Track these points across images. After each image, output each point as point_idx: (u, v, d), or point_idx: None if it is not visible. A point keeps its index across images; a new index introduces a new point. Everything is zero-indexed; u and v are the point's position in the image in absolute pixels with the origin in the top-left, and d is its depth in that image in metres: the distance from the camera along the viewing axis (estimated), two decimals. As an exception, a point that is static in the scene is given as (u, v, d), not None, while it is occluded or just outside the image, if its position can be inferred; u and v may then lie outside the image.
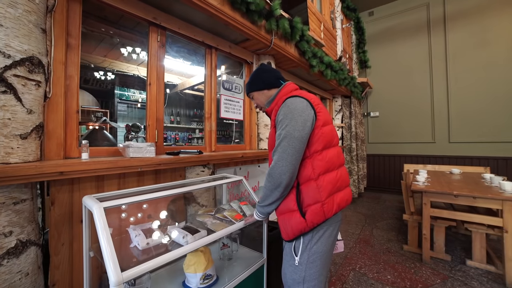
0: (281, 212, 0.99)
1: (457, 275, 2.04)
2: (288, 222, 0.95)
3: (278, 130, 0.92)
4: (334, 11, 4.13)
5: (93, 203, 0.86)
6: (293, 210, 0.94)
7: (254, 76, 1.13)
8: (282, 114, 0.92)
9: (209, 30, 1.80)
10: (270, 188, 0.93)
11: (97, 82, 3.50)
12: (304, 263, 0.94)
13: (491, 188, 2.13)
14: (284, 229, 0.97)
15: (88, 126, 1.90)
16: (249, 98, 1.20)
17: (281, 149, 0.89)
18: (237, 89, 2.30)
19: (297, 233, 0.94)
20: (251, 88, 1.14)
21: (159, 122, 1.51)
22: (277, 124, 0.94)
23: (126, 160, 1.11)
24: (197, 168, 1.59)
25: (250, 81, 1.14)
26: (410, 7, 4.79)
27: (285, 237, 0.99)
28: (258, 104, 1.15)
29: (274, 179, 0.90)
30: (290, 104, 0.93)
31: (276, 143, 0.91)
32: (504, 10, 3.95)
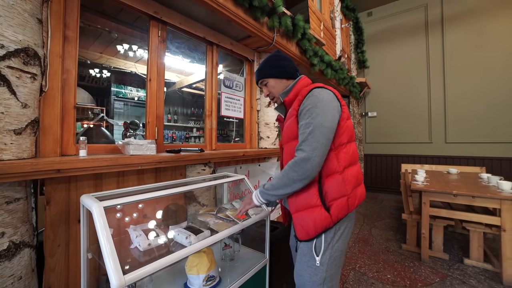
0: (299, 209, 0.92)
1: (456, 274, 2.05)
2: (310, 219, 0.88)
3: (305, 119, 0.85)
4: (333, 11, 4.13)
5: (92, 202, 0.82)
6: (316, 205, 0.88)
7: (273, 62, 1.03)
8: (310, 103, 0.86)
9: (210, 26, 1.76)
10: (293, 179, 0.84)
11: (93, 79, 3.42)
12: (326, 263, 0.89)
13: (489, 188, 2.15)
14: (304, 227, 0.90)
15: (83, 124, 1.84)
16: (260, 85, 1.08)
17: (314, 138, 0.82)
18: (238, 87, 2.27)
19: (320, 230, 0.88)
20: (269, 74, 1.03)
21: (159, 119, 1.47)
22: (303, 114, 0.87)
23: (127, 158, 1.07)
24: (198, 166, 1.56)
25: (268, 66, 1.04)
26: (408, 8, 4.82)
27: (303, 236, 0.91)
28: (272, 92, 1.05)
29: (303, 170, 0.82)
30: (318, 94, 0.87)
31: (305, 133, 0.84)
32: (499, 13, 4.01)
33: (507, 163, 3.92)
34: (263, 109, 2.49)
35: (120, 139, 2.19)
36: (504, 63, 3.96)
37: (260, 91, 2.47)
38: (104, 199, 0.89)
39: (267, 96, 1.08)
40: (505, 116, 3.94)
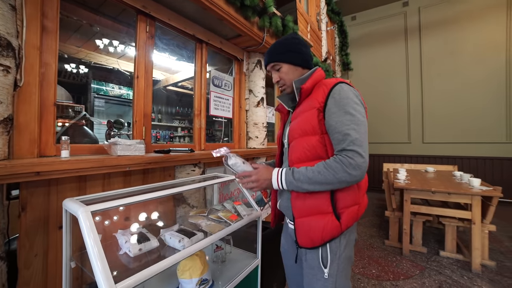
0: (306, 214, 0.83)
1: (433, 265, 2.19)
2: (318, 226, 0.80)
3: (343, 116, 0.75)
4: (320, 13, 4.22)
5: (78, 207, 0.77)
6: (326, 212, 0.80)
7: (291, 46, 0.90)
8: (346, 98, 0.76)
9: (200, 24, 1.72)
10: (341, 180, 0.73)
11: (70, 74, 3.21)
12: (334, 274, 0.82)
13: (462, 185, 2.31)
14: (309, 235, 0.82)
15: (63, 122, 1.72)
16: (270, 69, 0.94)
17: (365, 140, 0.74)
18: (226, 86, 2.24)
19: (326, 240, 0.81)
20: (285, 58, 0.89)
21: (147, 118, 1.41)
22: (336, 108, 0.76)
23: (114, 159, 1.02)
24: (188, 167, 1.52)
25: (284, 49, 0.90)
26: (389, 14, 5.06)
27: (307, 243, 0.83)
28: (283, 79, 0.91)
29: (357, 175, 0.72)
30: (347, 90, 0.79)
31: (351, 129, 0.73)
32: (467, 24, 4.37)
33: (475, 161, 4.27)
34: (252, 109, 2.48)
35: (102, 139, 2.08)
36: (473, 70, 4.30)
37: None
38: (90, 203, 0.83)
39: (277, 82, 0.94)
40: (474, 119, 4.30)
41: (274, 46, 0.93)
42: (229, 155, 0.93)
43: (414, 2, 4.78)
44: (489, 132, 4.23)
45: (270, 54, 0.93)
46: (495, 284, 1.98)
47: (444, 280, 2.00)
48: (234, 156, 0.93)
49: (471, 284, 1.97)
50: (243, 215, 1.33)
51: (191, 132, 5.09)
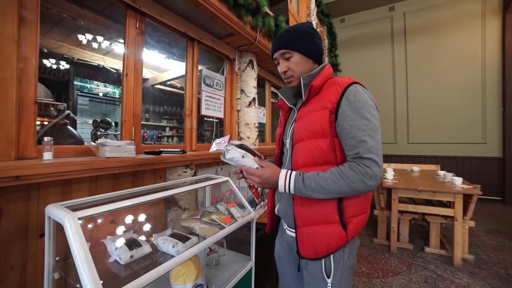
0: (311, 223, 0.77)
1: (419, 261, 2.28)
2: (323, 237, 0.75)
3: (359, 120, 0.70)
4: (310, 15, 4.26)
5: (64, 213, 0.71)
6: (333, 222, 0.75)
7: (306, 35, 0.81)
8: (362, 101, 0.72)
9: (192, 21, 1.68)
10: (356, 190, 0.68)
11: (50, 70, 3.04)
12: (337, 284, 0.78)
13: (445, 183, 2.42)
14: (313, 245, 0.77)
15: (43, 122, 1.61)
16: (279, 56, 0.84)
17: (378, 144, 0.70)
18: (218, 86, 2.20)
19: (332, 251, 0.76)
20: (298, 47, 0.80)
21: (136, 117, 1.35)
22: (351, 110, 0.71)
23: (102, 161, 0.96)
24: (179, 168, 1.47)
25: (298, 37, 0.80)
26: (376, 18, 5.20)
27: (310, 254, 0.78)
28: (292, 70, 0.82)
29: (372, 185, 0.67)
30: (362, 92, 0.75)
31: (363, 133, 0.69)
32: (448, 31, 4.61)
33: (455, 161, 4.50)
34: (243, 109, 2.46)
35: (87, 139, 1.98)
36: (453, 75, 4.54)
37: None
38: (77, 208, 0.78)
39: (284, 73, 0.84)
40: (454, 121, 4.54)
41: (287, 32, 0.83)
42: (226, 149, 0.82)
43: (400, 7, 4.96)
44: (468, 133, 4.48)
45: (281, 40, 0.82)
46: (474, 276, 2.09)
47: (429, 275, 2.08)
48: (233, 149, 0.82)
49: (453, 277, 2.07)
50: (237, 217, 1.31)
51: (180, 132, 5.00)
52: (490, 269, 2.21)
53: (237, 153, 0.80)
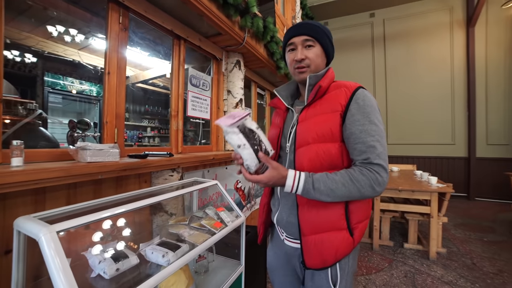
0: (319, 230, 0.74)
1: (399, 257, 2.40)
2: (332, 244, 0.73)
3: (369, 125, 0.70)
4: (295, 17, 4.32)
5: (39, 227, 0.63)
6: (341, 228, 0.73)
7: (328, 33, 0.81)
8: (370, 106, 0.72)
9: (179, 19, 1.61)
10: (364, 195, 0.68)
11: (14, 64, 2.77)
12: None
13: (422, 183, 2.57)
14: (322, 254, 0.73)
15: (9, 121, 1.45)
16: (303, 40, 0.78)
17: (385, 150, 0.70)
18: (204, 86, 2.15)
19: (339, 259, 0.74)
20: (323, 40, 0.78)
21: (119, 119, 1.27)
22: (360, 115, 0.71)
23: (83, 166, 0.88)
24: (165, 172, 1.41)
25: (324, 32, 0.79)
26: (358, 23, 5.42)
27: (318, 264, 0.74)
28: (311, 60, 0.78)
29: (379, 191, 0.67)
30: (370, 97, 0.74)
31: (376, 141, 0.69)
32: (422, 39, 4.93)
33: (429, 161, 4.83)
34: (230, 110, 2.42)
35: (60, 141, 1.83)
36: (426, 79, 4.87)
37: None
38: (54, 220, 0.70)
39: (300, 61, 0.78)
40: (429, 123, 4.88)
41: (312, 23, 0.80)
42: (225, 130, 0.68)
43: (380, 15, 5.21)
44: (439, 135, 4.84)
45: (306, 28, 0.78)
46: (446, 268, 2.25)
47: (408, 269, 2.20)
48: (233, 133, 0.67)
49: (429, 270, 2.21)
50: (227, 222, 1.28)
51: (162, 132, 4.82)
52: (459, 261, 2.39)
53: (235, 139, 0.68)
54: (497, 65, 4.47)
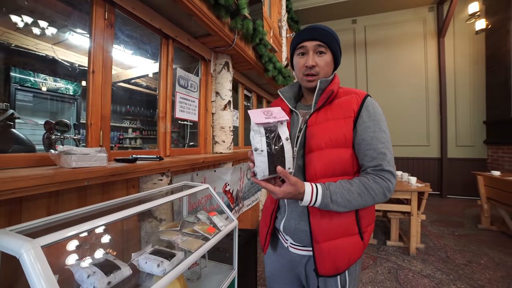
0: (333, 237, 0.73)
1: (382, 255, 2.51)
2: (345, 250, 0.73)
3: (378, 132, 0.72)
4: (281, 20, 4.38)
5: (21, 242, 0.54)
6: (354, 233, 0.74)
7: (339, 42, 0.82)
8: (379, 113, 0.75)
9: (168, 18, 1.56)
10: (376, 202, 0.71)
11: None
12: None
13: (402, 183, 2.71)
14: (336, 261, 0.73)
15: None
16: (316, 46, 0.77)
17: (393, 156, 0.74)
18: (192, 87, 2.10)
19: (352, 263, 0.75)
20: (334, 48, 0.79)
21: (105, 120, 1.20)
22: (370, 122, 0.73)
23: (68, 173, 0.81)
24: (154, 176, 1.35)
25: (335, 40, 0.80)
26: (341, 29, 5.62)
27: (331, 271, 0.73)
28: (321, 68, 0.78)
29: (388, 197, 0.71)
30: (377, 105, 0.77)
31: (385, 148, 0.71)
32: (400, 46, 5.25)
33: (407, 161, 5.13)
34: (218, 112, 2.39)
35: (35, 143, 1.69)
36: (404, 85, 5.19)
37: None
38: (35, 234, 0.64)
39: (311, 67, 0.77)
40: (407, 125, 5.20)
41: (326, 29, 0.79)
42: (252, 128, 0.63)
43: (361, 21, 5.45)
44: (416, 137, 5.17)
45: (321, 33, 0.77)
46: (425, 262, 2.39)
47: (392, 266, 2.31)
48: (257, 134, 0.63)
49: (410, 265, 2.33)
50: (220, 227, 1.25)
51: (144, 134, 4.64)
52: (435, 254, 2.56)
53: (256, 140, 0.63)
54: (464, 74, 4.89)
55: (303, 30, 0.81)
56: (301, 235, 0.79)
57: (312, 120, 0.78)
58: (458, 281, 2.12)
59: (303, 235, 0.78)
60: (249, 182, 3.35)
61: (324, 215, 0.73)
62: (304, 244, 0.80)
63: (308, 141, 0.75)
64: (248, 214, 3.10)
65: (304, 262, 0.82)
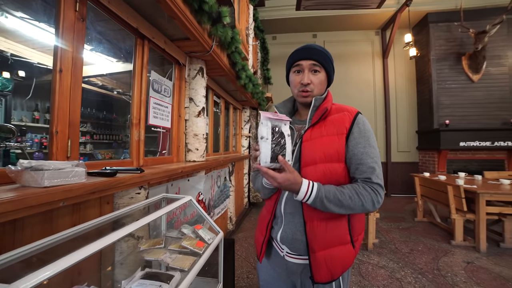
0: (329, 246, 0.78)
1: (345, 252, 2.76)
2: (339, 258, 0.77)
3: (368, 147, 0.78)
4: (248, 28, 4.47)
5: None
6: (346, 242, 0.79)
7: (332, 61, 0.89)
8: (369, 130, 0.82)
9: (146, 17, 1.45)
10: (363, 209, 0.75)
11: None
12: None
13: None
14: (330, 269, 0.77)
15: None
16: (311, 66, 0.84)
17: (381, 170, 0.79)
18: (166, 92, 1.97)
19: (345, 270, 0.80)
20: (328, 67, 0.86)
21: (73, 128, 1.03)
22: (360, 138, 0.79)
23: (42, 194, 0.67)
24: (132, 190, 1.22)
25: (329, 59, 0.86)
26: (302, 41, 6.02)
27: (327, 278, 0.78)
28: (315, 85, 0.84)
29: (377, 207, 0.76)
30: (367, 122, 0.84)
31: (375, 163, 0.77)
32: (354, 62, 5.92)
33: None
34: (192, 119, 2.30)
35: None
36: (358, 96, 5.86)
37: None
38: None
39: (306, 85, 0.83)
40: None
41: (321, 49, 0.85)
42: (260, 121, 0.74)
43: (321, 36, 5.96)
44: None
45: (316, 53, 0.83)
46: (380, 255, 2.72)
47: (354, 261, 2.55)
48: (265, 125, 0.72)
49: (369, 260, 2.62)
50: (207, 240, 1.21)
51: (95, 138, 4.11)
52: (387, 247, 2.94)
53: (263, 130, 0.72)
54: (402, 91, 5.81)
55: (300, 49, 0.88)
56: (298, 244, 0.82)
57: (307, 136, 0.83)
58: (405, 267, 2.48)
59: (300, 244, 0.81)
60: (219, 190, 3.29)
61: (320, 225, 0.78)
62: (300, 253, 0.83)
63: (304, 156, 0.80)
64: (218, 222, 3.03)
65: (300, 270, 0.85)
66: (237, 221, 4.00)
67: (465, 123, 5.02)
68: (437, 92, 5.13)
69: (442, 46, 5.19)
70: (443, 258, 2.67)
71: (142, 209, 1.23)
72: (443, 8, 4.99)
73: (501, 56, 4.96)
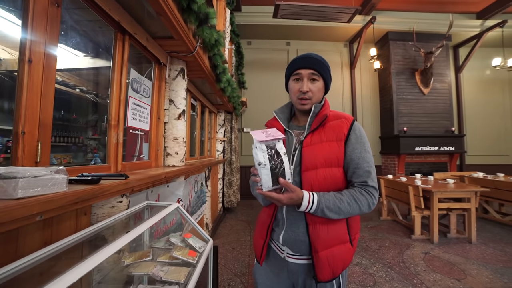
0: (330, 245, 0.81)
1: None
2: (340, 256, 0.81)
3: (364, 152, 0.83)
4: (225, 31, 4.45)
5: None
6: (345, 241, 0.83)
7: (330, 70, 0.92)
8: (364, 136, 0.87)
9: (129, 11, 1.34)
10: (359, 212, 0.80)
11: None
12: None
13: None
14: (332, 267, 0.81)
15: None
16: (310, 74, 0.87)
17: (375, 174, 0.83)
18: (145, 92, 1.84)
19: (345, 267, 0.84)
20: (326, 76, 0.89)
21: (44, 128, 0.89)
22: (357, 143, 0.83)
23: (15, 207, 0.55)
24: (113, 198, 1.10)
25: (327, 68, 0.90)
26: (276, 48, 6.22)
27: (329, 276, 0.81)
28: (314, 93, 0.88)
29: (372, 210, 0.80)
30: (363, 129, 0.89)
31: (370, 167, 0.82)
32: (334, 70, 6.21)
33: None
34: (171, 122, 2.18)
35: None
36: (330, 103, 6.17)
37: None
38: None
39: (304, 92, 0.87)
40: None
41: (319, 58, 0.89)
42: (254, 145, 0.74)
43: (294, 45, 6.20)
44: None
45: (315, 63, 0.87)
46: (355, 253, 2.89)
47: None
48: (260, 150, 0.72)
49: (344, 258, 2.77)
50: (198, 248, 1.15)
51: (59, 140, 3.62)
52: (359, 245, 3.14)
53: (259, 156, 0.72)
54: (367, 99, 6.34)
55: (299, 58, 0.91)
56: (300, 245, 0.85)
57: (307, 141, 0.86)
58: (376, 263, 2.67)
59: (302, 245, 0.84)
60: (196, 195, 3.18)
61: (322, 226, 0.82)
62: (302, 254, 0.86)
63: (304, 160, 0.83)
64: (194, 229, 2.89)
65: (301, 271, 0.87)
66: (213, 228, 3.87)
67: (419, 130, 5.70)
68: (397, 102, 5.74)
69: (400, 62, 5.85)
70: (406, 252, 2.95)
71: (124, 219, 1.11)
72: (401, 29, 5.66)
73: (442, 74, 5.86)
